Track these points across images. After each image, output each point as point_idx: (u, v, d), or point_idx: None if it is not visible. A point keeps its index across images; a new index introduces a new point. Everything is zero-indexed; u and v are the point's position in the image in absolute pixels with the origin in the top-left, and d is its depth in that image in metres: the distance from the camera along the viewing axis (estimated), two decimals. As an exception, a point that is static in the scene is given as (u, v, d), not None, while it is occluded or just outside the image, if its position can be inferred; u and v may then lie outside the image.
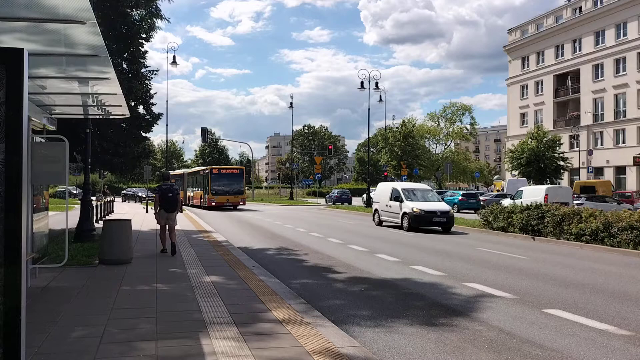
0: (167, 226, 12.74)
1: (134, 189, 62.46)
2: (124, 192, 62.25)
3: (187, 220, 25.15)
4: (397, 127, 70.34)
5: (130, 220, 11.57)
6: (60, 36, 5.40)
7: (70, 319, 6.59)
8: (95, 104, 9.59)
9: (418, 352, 5.79)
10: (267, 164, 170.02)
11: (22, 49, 3.25)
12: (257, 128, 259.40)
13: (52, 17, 4.75)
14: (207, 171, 41.56)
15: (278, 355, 5.17)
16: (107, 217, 23.48)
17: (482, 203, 35.38)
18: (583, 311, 7.73)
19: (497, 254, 14.36)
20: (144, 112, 19.01)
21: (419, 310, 7.71)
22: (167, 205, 12.66)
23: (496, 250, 15.26)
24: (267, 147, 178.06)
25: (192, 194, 44.99)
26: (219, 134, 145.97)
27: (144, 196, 45.27)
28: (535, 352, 5.84)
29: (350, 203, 49.92)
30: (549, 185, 32.53)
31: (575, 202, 28.28)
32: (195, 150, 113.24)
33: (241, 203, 40.00)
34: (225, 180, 40.11)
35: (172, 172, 55.97)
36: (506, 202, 30.35)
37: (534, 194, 28.12)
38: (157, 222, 12.80)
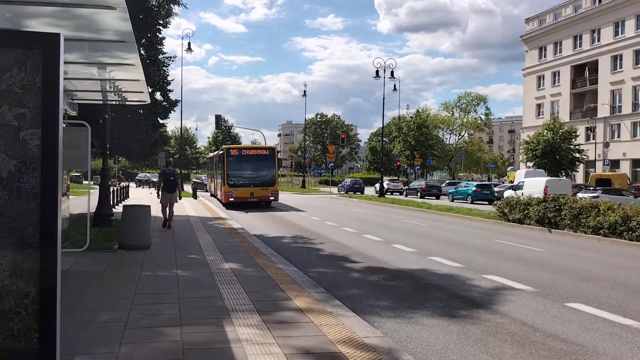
0: (167, 204, 15.02)
1: (147, 174, 62.97)
2: (138, 177, 62.66)
3: (201, 206, 25.27)
4: (411, 117, 69.94)
5: (149, 206, 11.64)
6: (88, 21, 5.40)
7: (94, 303, 6.65)
8: (116, 89, 9.62)
9: (441, 344, 5.78)
10: (279, 152, 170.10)
11: (59, 34, 3.21)
12: (269, 116, 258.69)
13: (83, 2, 4.74)
14: (221, 153, 29.50)
15: (302, 343, 5.18)
16: (123, 203, 23.67)
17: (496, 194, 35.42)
18: (606, 306, 7.66)
19: (514, 246, 14.27)
20: (161, 99, 19.07)
21: (439, 302, 7.68)
22: (169, 186, 14.93)
23: (513, 242, 15.16)
24: (279, 135, 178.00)
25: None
26: (232, 122, 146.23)
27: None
28: (560, 346, 5.80)
29: (362, 192, 49.88)
30: (549, 178, 32.81)
31: (590, 194, 28.07)
32: (208, 137, 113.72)
33: (271, 197, 28.01)
34: (248, 164, 28.41)
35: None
36: (507, 193, 30.48)
37: (534, 185, 28.49)
38: (160, 202, 15.06)
